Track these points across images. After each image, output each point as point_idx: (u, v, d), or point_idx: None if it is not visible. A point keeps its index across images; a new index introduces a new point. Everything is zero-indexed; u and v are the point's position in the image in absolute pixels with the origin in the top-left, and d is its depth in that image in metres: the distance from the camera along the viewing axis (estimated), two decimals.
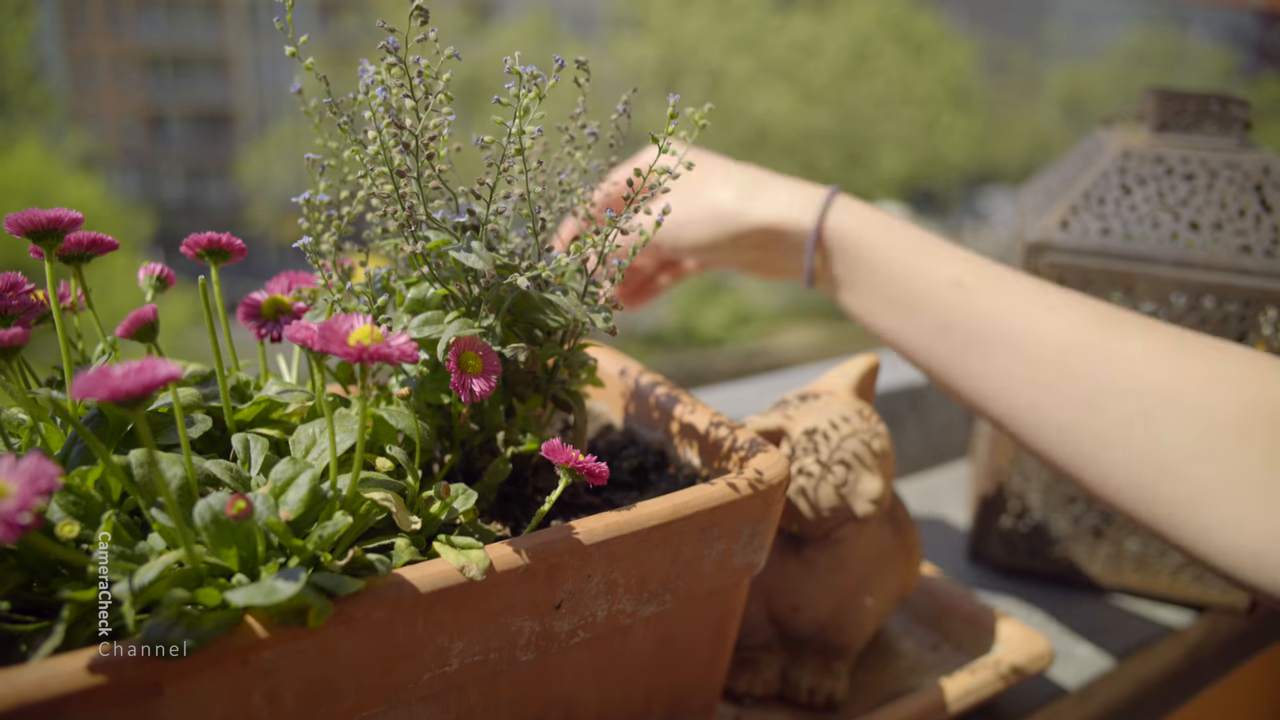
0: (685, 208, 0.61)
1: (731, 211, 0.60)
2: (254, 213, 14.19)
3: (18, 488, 0.30)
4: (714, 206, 0.60)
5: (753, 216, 0.60)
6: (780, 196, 0.60)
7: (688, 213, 0.61)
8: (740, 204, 0.60)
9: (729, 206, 0.60)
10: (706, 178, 0.62)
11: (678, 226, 0.62)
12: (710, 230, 0.61)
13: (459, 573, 0.39)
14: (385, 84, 0.44)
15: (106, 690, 0.32)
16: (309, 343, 0.37)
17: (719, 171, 0.62)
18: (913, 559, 0.63)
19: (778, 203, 0.59)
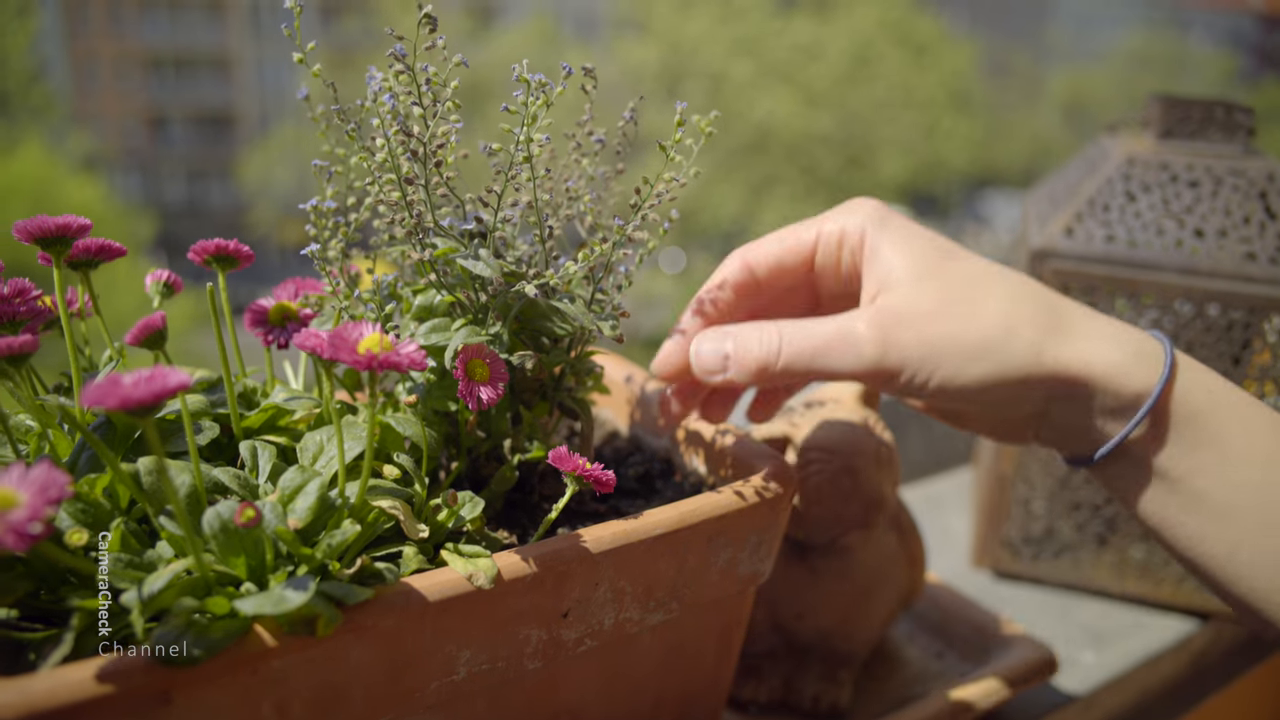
0: (939, 327, 0.41)
1: (1025, 347, 0.41)
2: (256, 215, 14.20)
3: (28, 497, 0.30)
4: (993, 336, 0.41)
5: (1058, 359, 0.41)
6: (1099, 337, 0.42)
7: (943, 336, 0.41)
8: (1040, 339, 0.41)
9: (1022, 340, 0.41)
10: (971, 288, 0.42)
11: (923, 355, 0.41)
12: (983, 370, 0.41)
13: (467, 581, 0.39)
14: (393, 91, 0.45)
15: (116, 699, 0.32)
16: (318, 350, 0.37)
17: (990, 282, 0.43)
18: (917, 566, 0.63)
19: (1097, 346, 0.41)
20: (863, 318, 0.42)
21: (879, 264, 0.44)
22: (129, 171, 17.55)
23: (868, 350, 0.42)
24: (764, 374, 0.43)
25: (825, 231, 0.47)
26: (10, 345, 0.37)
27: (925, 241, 0.44)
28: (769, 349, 0.43)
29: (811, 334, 0.42)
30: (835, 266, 0.47)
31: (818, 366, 0.42)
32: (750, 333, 0.44)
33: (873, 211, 0.46)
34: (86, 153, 12.95)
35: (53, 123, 12.33)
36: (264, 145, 15.10)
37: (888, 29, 10.11)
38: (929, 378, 0.41)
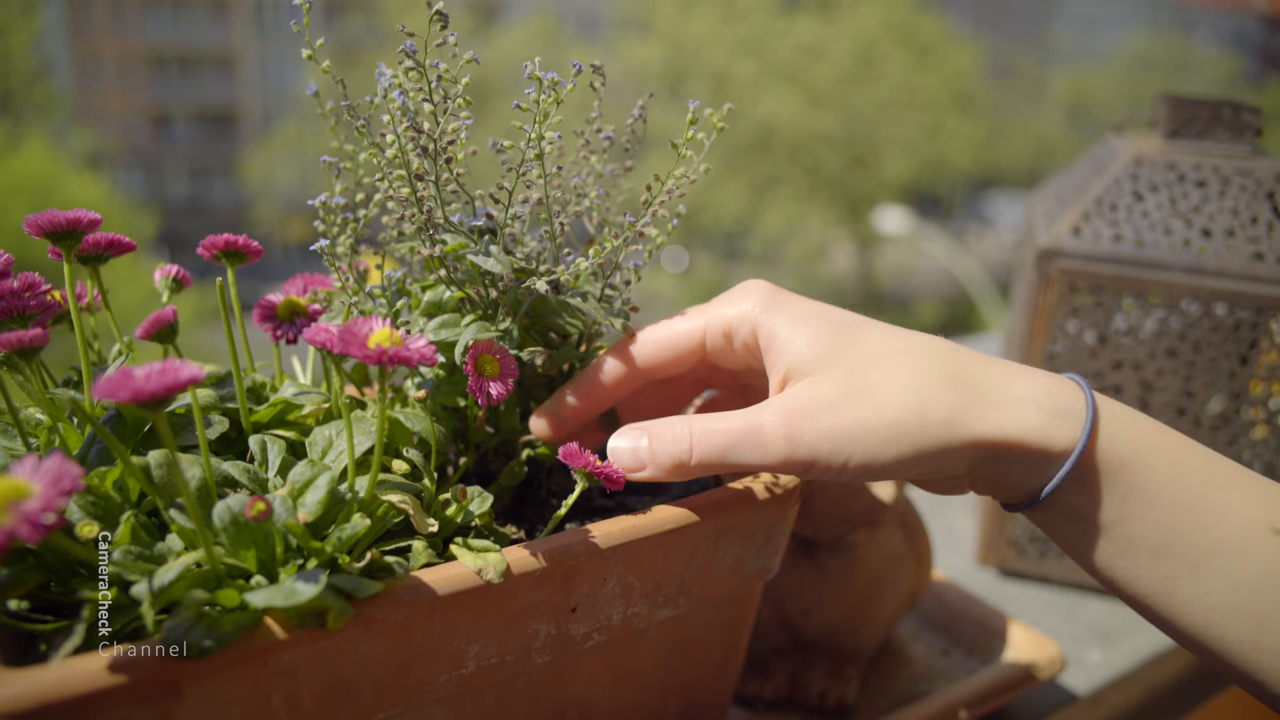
0: (846, 417, 0.40)
1: (938, 427, 0.40)
2: (258, 212, 14.22)
3: (41, 488, 0.30)
4: (903, 420, 0.40)
5: (977, 428, 0.40)
6: (1014, 400, 0.41)
7: (851, 425, 0.40)
8: (953, 416, 0.40)
9: (934, 421, 0.40)
10: (874, 371, 0.42)
11: (834, 444, 0.40)
12: (900, 450, 0.40)
13: (476, 575, 0.39)
14: (403, 87, 0.45)
15: (127, 690, 0.32)
16: (328, 345, 0.37)
17: (893, 361, 0.42)
18: (924, 564, 0.63)
19: (1014, 413, 0.40)
20: (768, 411, 0.42)
21: (779, 350, 0.44)
22: (132, 169, 17.57)
23: (774, 446, 0.41)
24: (680, 470, 0.43)
25: (713, 322, 0.46)
26: (21, 339, 0.37)
27: (820, 321, 0.44)
28: (681, 447, 0.42)
29: (720, 431, 0.42)
30: (730, 354, 0.47)
31: (730, 460, 0.42)
32: (664, 430, 0.43)
33: (762, 297, 0.45)
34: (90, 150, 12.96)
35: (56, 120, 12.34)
36: (267, 143, 15.11)
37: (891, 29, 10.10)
38: (844, 464, 0.40)
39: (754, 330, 0.45)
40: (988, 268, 10.66)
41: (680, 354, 0.47)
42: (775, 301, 0.45)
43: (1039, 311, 0.73)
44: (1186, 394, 0.72)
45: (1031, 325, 0.73)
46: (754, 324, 0.45)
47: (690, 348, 0.47)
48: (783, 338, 0.44)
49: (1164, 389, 0.72)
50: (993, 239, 14.73)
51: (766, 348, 0.44)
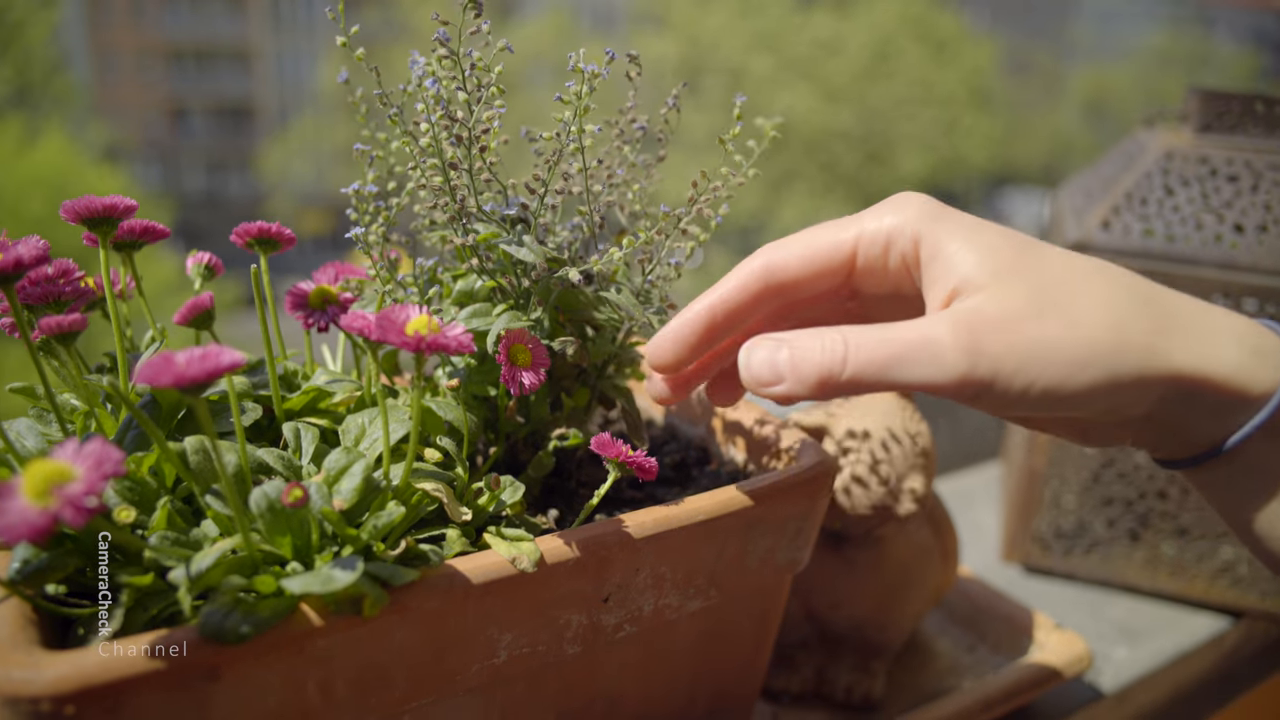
0: (1036, 332, 0.36)
1: (1139, 351, 0.36)
2: (274, 206, 14.27)
3: (83, 471, 0.30)
4: (1101, 340, 0.36)
5: (1176, 358, 0.36)
6: (1214, 333, 0.37)
7: (1042, 342, 0.35)
8: (1152, 340, 0.36)
9: (1134, 344, 0.36)
10: (1064, 286, 0.37)
11: (1019, 363, 0.35)
12: (1093, 377, 0.35)
13: (510, 564, 0.39)
14: (436, 75, 0.44)
15: (165, 674, 0.32)
16: (365, 332, 0.37)
17: (1085, 278, 0.37)
18: (951, 560, 0.63)
19: (1214, 345, 0.36)
20: (944, 323, 0.36)
21: (946, 263, 0.38)
22: (149, 162, 17.66)
23: (953, 359, 0.36)
24: (826, 386, 0.37)
25: (868, 231, 0.40)
26: (60, 323, 0.37)
27: (996, 235, 0.38)
28: (833, 357, 0.37)
29: (884, 340, 0.37)
30: (881, 271, 0.41)
31: (892, 377, 0.36)
32: (809, 340, 0.38)
33: (923, 206, 0.40)
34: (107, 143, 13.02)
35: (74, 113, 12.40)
36: (283, 137, 15.16)
37: (908, 25, 10.05)
38: (1028, 387, 0.35)
39: (916, 240, 0.39)
40: None
41: (826, 268, 0.41)
42: (942, 212, 0.39)
43: None
44: None
45: None
46: (916, 234, 0.39)
47: (840, 261, 0.41)
48: (952, 250, 0.38)
49: None
50: None
51: (929, 260, 0.39)
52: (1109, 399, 0.36)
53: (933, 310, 0.38)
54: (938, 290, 0.38)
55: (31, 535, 0.29)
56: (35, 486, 0.30)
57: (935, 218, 0.39)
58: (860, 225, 0.41)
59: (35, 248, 0.37)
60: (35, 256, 0.37)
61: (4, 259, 0.36)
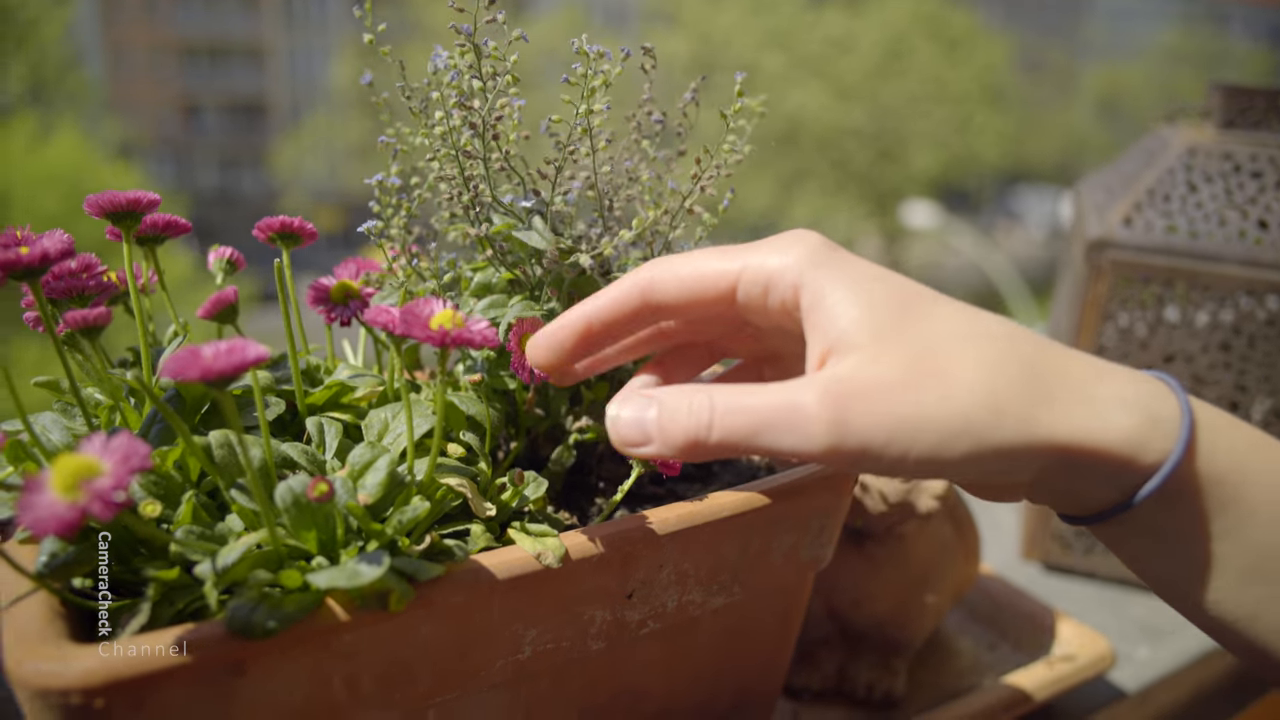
0: (908, 403, 0.34)
1: (1014, 424, 0.34)
2: (287, 203, 14.31)
3: (111, 465, 0.30)
4: (975, 414, 0.34)
5: (1058, 430, 0.34)
6: (1102, 402, 0.35)
7: (914, 414, 0.34)
8: (1030, 412, 0.34)
9: (1009, 416, 0.34)
10: (943, 353, 0.35)
11: (890, 434, 0.34)
12: (966, 448, 0.34)
13: (535, 560, 0.38)
14: (458, 67, 0.44)
15: (192, 668, 0.32)
16: (390, 326, 0.37)
17: (964, 344, 0.36)
18: (972, 557, 0.62)
19: (1102, 415, 0.35)
20: (812, 390, 0.35)
21: (826, 315, 0.36)
22: (163, 159, 17.73)
23: (816, 431, 0.34)
24: (693, 449, 0.36)
25: (751, 268, 0.38)
26: (86, 317, 0.37)
27: (881, 287, 0.37)
28: (698, 422, 0.36)
29: (749, 408, 0.35)
30: (762, 311, 0.39)
31: (759, 444, 0.35)
32: (677, 400, 0.36)
33: (810, 250, 0.38)
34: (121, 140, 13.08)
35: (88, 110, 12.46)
36: (295, 134, 15.20)
37: (920, 23, 10.01)
38: (901, 458, 0.34)
39: (796, 288, 0.37)
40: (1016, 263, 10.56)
41: (704, 297, 0.40)
42: (828, 258, 0.37)
43: (1089, 303, 0.72)
44: (1239, 389, 0.71)
45: (1081, 317, 0.72)
46: (796, 280, 0.37)
47: (718, 293, 0.39)
48: (832, 302, 0.36)
49: (1215, 383, 0.71)
50: (1021, 234, 14.58)
51: (810, 310, 0.37)
52: (985, 467, 0.35)
53: (810, 363, 0.37)
54: (816, 343, 0.37)
55: (60, 529, 0.29)
56: (63, 481, 0.30)
57: (820, 264, 0.37)
58: (745, 260, 0.39)
59: (60, 242, 0.37)
60: (60, 250, 0.37)
61: (30, 253, 0.36)
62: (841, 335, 0.36)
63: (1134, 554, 0.38)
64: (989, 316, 0.37)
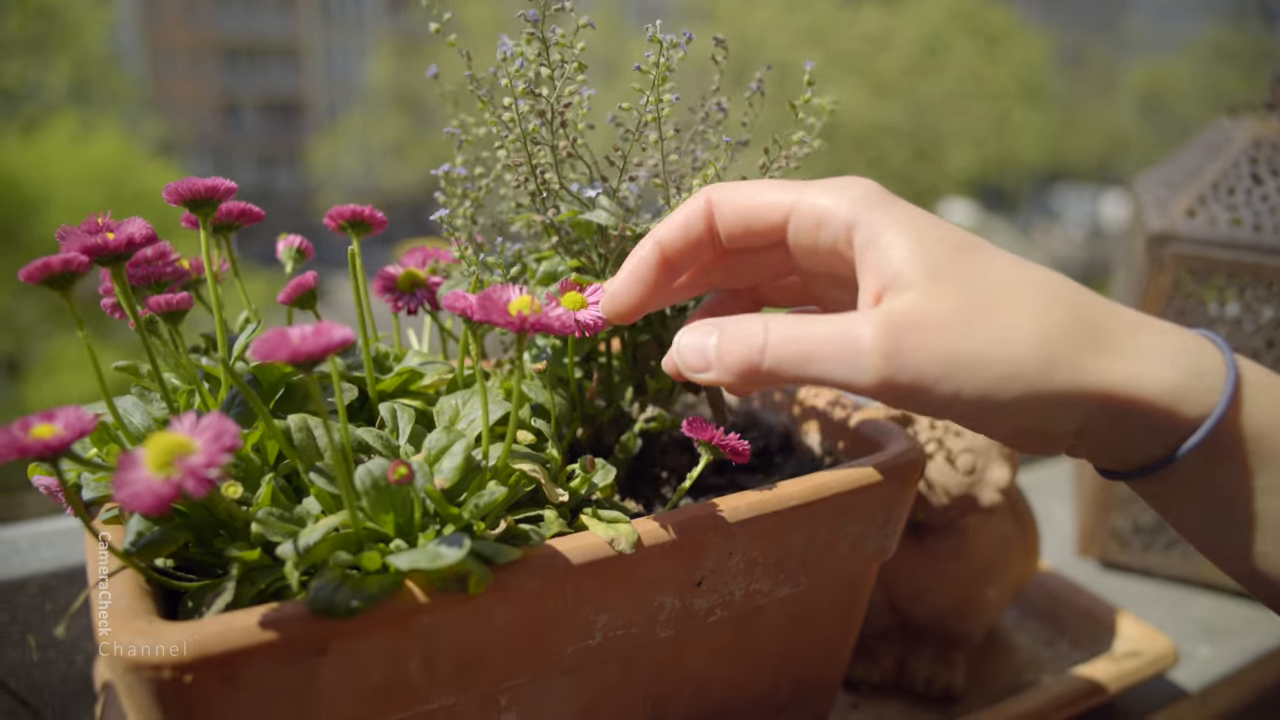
0: (961, 342, 0.34)
1: (1065, 370, 0.34)
2: (323, 200, 14.44)
3: (202, 444, 0.31)
4: (1027, 358, 0.34)
5: (1105, 378, 0.34)
6: (1150, 354, 0.35)
7: (967, 353, 0.34)
8: (1081, 359, 0.34)
9: (1061, 363, 0.34)
10: (997, 296, 0.35)
11: (943, 371, 0.34)
12: (1017, 391, 0.34)
13: (608, 546, 0.39)
14: (525, 55, 0.45)
15: (277, 647, 0.33)
16: (468, 312, 0.37)
17: (1019, 290, 0.36)
18: (1032, 552, 0.62)
19: (1149, 366, 0.35)
20: (868, 322, 0.35)
21: (880, 254, 0.36)
22: (202, 157, 17.96)
23: (872, 362, 0.34)
24: (749, 376, 0.36)
25: (804, 204, 0.38)
26: (169, 301, 0.38)
27: (936, 232, 0.37)
28: (752, 348, 0.36)
29: (804, 336, 0.35)
30: (812, 249, 0.39)
31: (810, 373, 0.35)
32: (735, 328, 0.37)
33: (865, 192, 0.38)
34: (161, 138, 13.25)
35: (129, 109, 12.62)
36: (332, 132, 15.33)
37: (958, 19, 9.91)
38: (952, 397, 0.34)
39: (849, 227, 0.37)
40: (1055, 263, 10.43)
41: (756, 226, 0.40)
42: (882, 200, 0.38)
43: (1150, 297, 0.71)
44: None
45: (1142, 311, 0.71)
46: (850, 219, 0.37)
47: (769, 224, 0.39)
48: (887, 241, 0.36)
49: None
50: (1060, 234, 14.40)
51: (864, 249, 0.37)
52: (1034, 414, 0.35)
53: (864, 302, 0.37)
54: (869, 281, 0.37)
55: (156, 505, 0.29)
56: (158, 458, 0.30)
57: (874, 205, 0.37)
58: (799, 195, 0.39)
59: (144, 228, 0.38)
60: (145, 236, 0.38)
61: (116, 238, 0.37)
62: (896, 273, 0.36)
63: (1176, 510, 0.38)
64: (1042, 268, 0.37)
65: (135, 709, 0.33)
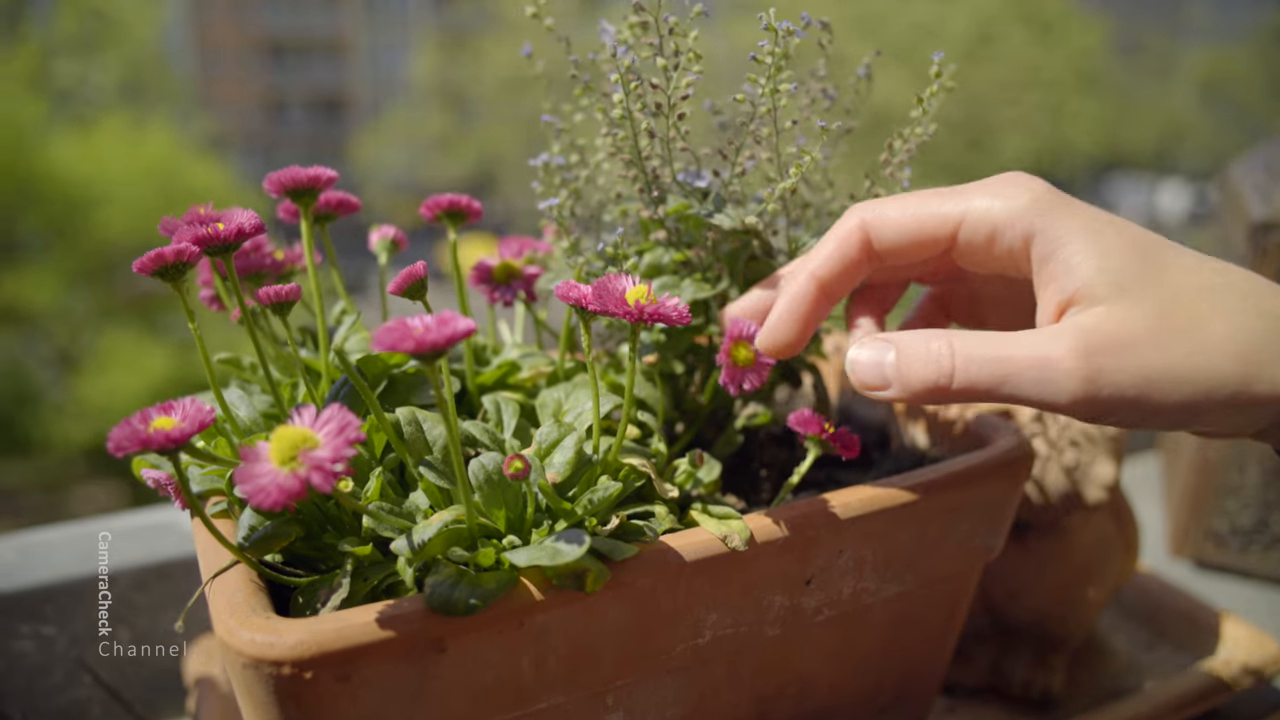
0: (1158, 359, 0.33)
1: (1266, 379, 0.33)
2: (367, 195, 14.56)
3: (325, 438, 0.30)
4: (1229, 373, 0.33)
5: None
6: None
7: (1165, 371, 0.33)
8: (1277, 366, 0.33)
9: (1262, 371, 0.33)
10: (1191, 308, 0.34)
11: (1141, 390, 0.33)
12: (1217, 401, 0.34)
13: (720, 543, 0.38)
14: (628, 43, 0.43)
15: (395, 644, 0.32)
16: (583, 302, 0.36)
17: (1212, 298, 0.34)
18: (1131, 552, 0.60)
19: None
20: (1062, 342, 0.34)
21: (1063, 267, 0.35)
22: (251, 153, 18.20)
23: (1069, 385, 0.34)
24: (934, 395, 0.36)
25: (975, 213, 0.38)
26: (279, 293, 0.38)
27: (1118, 237, 0.35)
28: (940, 370, 0.35)
29: (997, 357, 0.35)
30: (983, 257, 0.38)
31: (1004, 394, 0.35)
32: (916, 345, 0.36)
33: (1038, 196, 0.37)
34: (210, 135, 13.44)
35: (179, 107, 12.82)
36: (376, 128, 15.45)
37: (1012, 6, 9.72)
38: (1151, 413, 0.34)
39: (1027, 236, 0.36)
40: None
41: (923, 242, 0.39)
42: (1058, 204, 0.36)
43: None
44: None
45: None
46: (1028, 229, 0.36)
47: (936, 239, 0.39)
48: (1069, 253, 0.35)
49: None
50: None
51: (1043, 260, 0.36)
52: (1233, 420, 0.34)
53: (1044, 315, 0.36)
54: (1051, 294, 0.36)
55: (283, 499, 0.29)
56: (282, 452, 0.30)
57: (1050, 211, 0.36)
58: (967, 205, 0.38)
59: (253, 219, 0.38)
60: (255, 226, 0.37)
61: (226, 229, 0.37)
62: (1082, 287, 0.35)
63: None
64: (1228, 267, 0.36)
65: (251, 705, 0.33)
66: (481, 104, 12.24)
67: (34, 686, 0.57)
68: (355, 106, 18.81)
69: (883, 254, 0.40)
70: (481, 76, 10.02)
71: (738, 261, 0.46)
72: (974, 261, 0.39)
